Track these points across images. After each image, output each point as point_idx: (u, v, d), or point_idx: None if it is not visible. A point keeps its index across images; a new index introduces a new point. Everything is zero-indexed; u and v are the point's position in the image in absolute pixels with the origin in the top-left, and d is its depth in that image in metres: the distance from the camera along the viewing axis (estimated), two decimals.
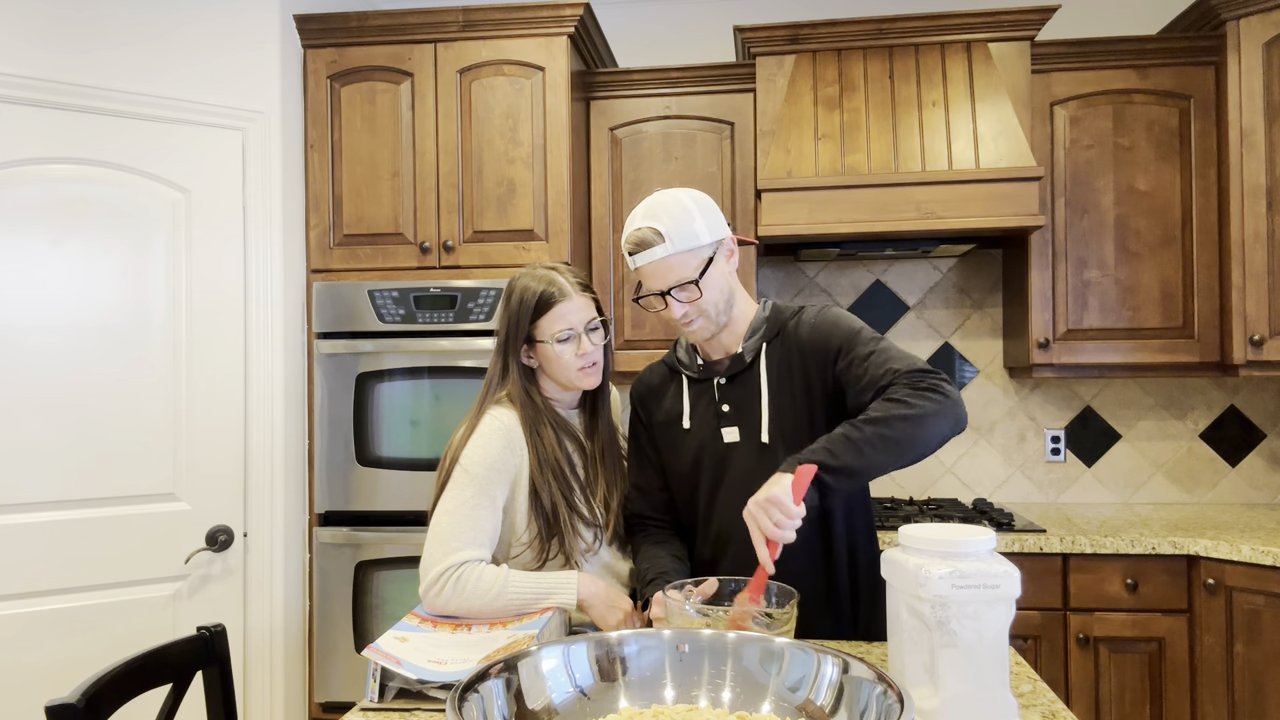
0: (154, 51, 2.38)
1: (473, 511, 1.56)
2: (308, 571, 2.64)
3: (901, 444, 1.38)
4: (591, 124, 2.91)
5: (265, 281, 2.52)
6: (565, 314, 1.61)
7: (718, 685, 1.06)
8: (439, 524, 1.57)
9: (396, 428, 2.59)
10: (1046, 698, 1.27)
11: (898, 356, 1.47)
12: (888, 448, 1.37)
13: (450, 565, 1.52)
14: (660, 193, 1.57)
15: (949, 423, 1.40)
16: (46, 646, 2.22)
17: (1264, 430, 3.00)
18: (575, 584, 1.55)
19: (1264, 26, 2.56)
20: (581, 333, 1.62)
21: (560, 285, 1.63)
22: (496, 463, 1.59)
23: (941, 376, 1.44)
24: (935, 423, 1.39)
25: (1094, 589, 2.44)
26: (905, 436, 1.38)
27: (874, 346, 1.51)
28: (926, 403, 1.39)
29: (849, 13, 3.22)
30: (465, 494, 1.57)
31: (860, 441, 1.37)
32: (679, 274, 1.52)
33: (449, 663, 1.30)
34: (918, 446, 1.39)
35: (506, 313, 1.65)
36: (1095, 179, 2.75)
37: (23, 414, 2.20)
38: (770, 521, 1.32)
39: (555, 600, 1.54)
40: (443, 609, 1.52)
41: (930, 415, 1.38)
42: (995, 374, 3.12)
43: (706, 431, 1.63)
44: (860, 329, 1.56)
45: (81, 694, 1.18)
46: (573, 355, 1.62)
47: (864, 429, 1.38)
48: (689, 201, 1.54)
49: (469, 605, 1.51)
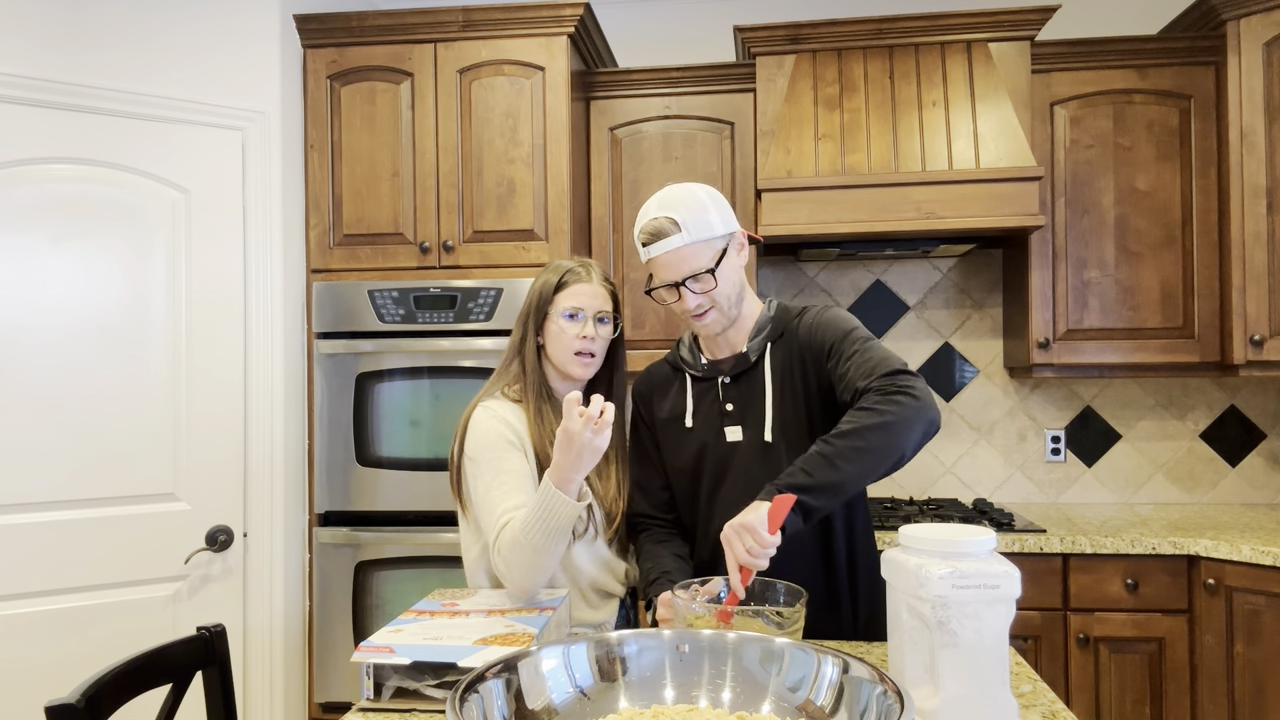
0: (154, 51, 2.38)
1: (499, 489, 1.58)
2: (308, 571, 2.64)
3: (875, 453, 1.36)
4: (591, 124, 2.91)
5: (265, 281, 2.52)
6: (580, 293, 1.67)
7: (718, 685, 1.06)
8: (479, 518, 1.60)
9: (396, 428, 2.59)
10: (1046, 698, 1.27)
11: (879, 359, 1.46)
12: (862, 459, 1.36)
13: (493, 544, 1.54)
14: (673, 185, 1.58)
15: (920, 427, 1.38)
16: (46, 646, 2.22)
17: (1264, 430, 3.00)
18: (550, 483, 1.46)
19: (1264, 26, 2.56)
20: (589, 317, 1.66)
21: (585, 270, 1.70)
22: (498, 439, 1.60)
23: (910, 379, 1.42)
24: (905, 429, 1.37)
25: (1094, 589, 2.44)
26: (877, 445, 1.36)
27: (859, 347, 1.50)
28: (895, 408, 1.37)
29: (849, 13, 3.22)
30: (485, 479, 1.59)
31: (834, 457, 1.36)
32: (693, 264, 1.53)
33: (444, 639, 1.31)
34: (891, 454, 1.37)
35: (531, 292, 1.71)
36: (1095, 179, 2.74)
37: (23, 414, 2.20)
38: (743, 548, 1.32)
39: (559, 511, 1.46)
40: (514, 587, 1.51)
41: (899, 422, 1.37)
42: (995, 374, 3.12)
43: (709, 430, 1.64)
44: (851, 329, 1.55)
45: (81, 694, 1.18)
46: (574, 335, 1.65)
47: (836, 443, 1.37)
48: (702, 194, 1.56)
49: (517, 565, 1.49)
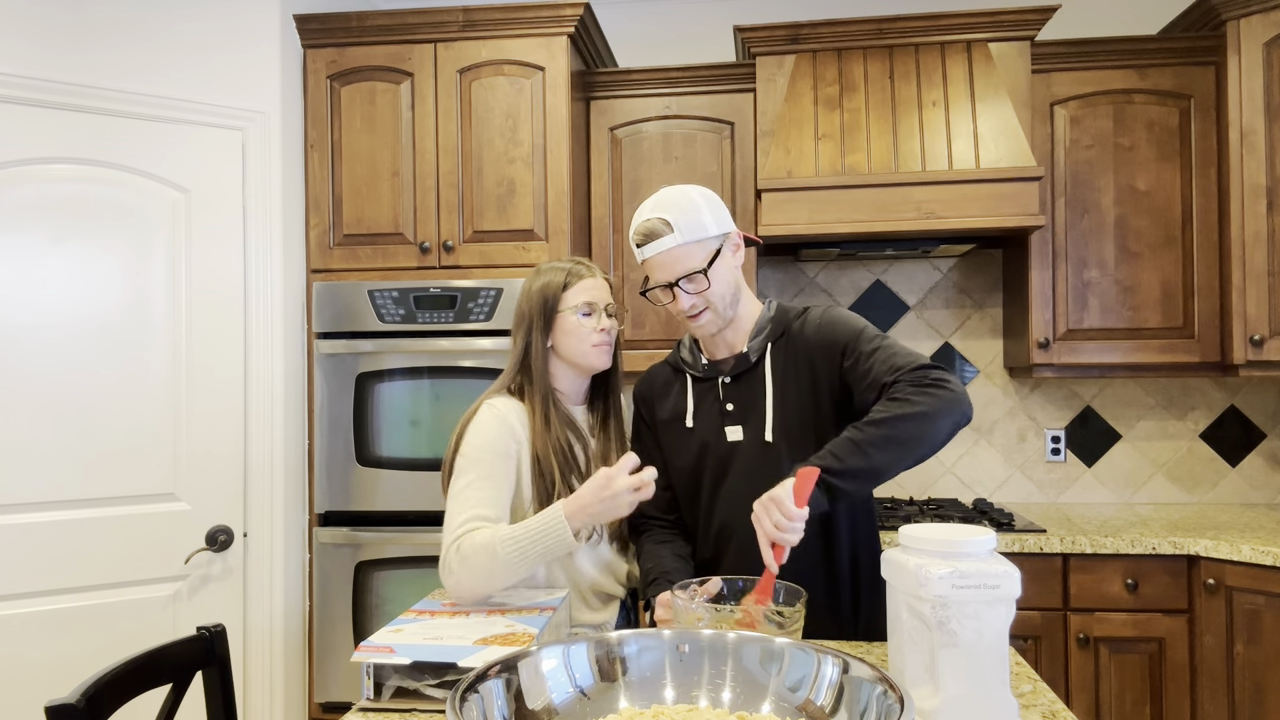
0: (154, 51, 2.38)
1: (474, 491, 1.57)
2: (308, 571, 2.64)
3: (907, 442, 1.38)
4: (591, 124, 2.91)
5: (265, 281, 2.52)
6: (589, 289, 1.68)
7: (718, 685, 1.06)
8: (447, 512, 1.59)
9: (396, 428, 2.59)
10: (1046, 698, 1.27)
11: (901, 354, 1.48)
12: (893, 447, 1.38)
13: (452, 540, 1.52)
14: (667, 188, 1.60)
15: (954, 417, 1.40)
16: (46, 646, 2.22)
17: (1264, 430, 3.00)
18: (561, 512, 1.47)
19: (1264, 26, 2.56)
20: (601, 310, 1.68)
21: (587, 267, 1.72)
22: (494, 445, 1.60)
23: (944, 371, 1.44)
24: (940, 419, 1.39)
25: (1094, 589, 2.44)
26: (910, 435, 1.38)
27: (878, 344, 1.52)
28: (929, 399, 1.39)
29: (849, 13, 3.22)
30: (469, 476, 1.59)
31: (864, 443, 1.38)
32: (686, 265, 1.54)
33: (444, 638, 1.31)
34: (924, 444, 1.39)
35: (529, 297, 1.69)
36: (1095, 179, 2.74)
37: (23, 414, 2.20)
38: (770, 522, 1.33)
39: (552, 540, 1.47)
40: (457, 588, 1.50)
41: (934, 412, 1.39)
42: (995, 374, 3.12)
43: (710, 430, 1.64)
44: (864, 327, 1.57)
45: (81, 694, 1.18)
46: (591, 328, 1.66)
47: (868, 430, 1.39)
48: (696, 195, 1.57)
49: (474, 570, 1.48)
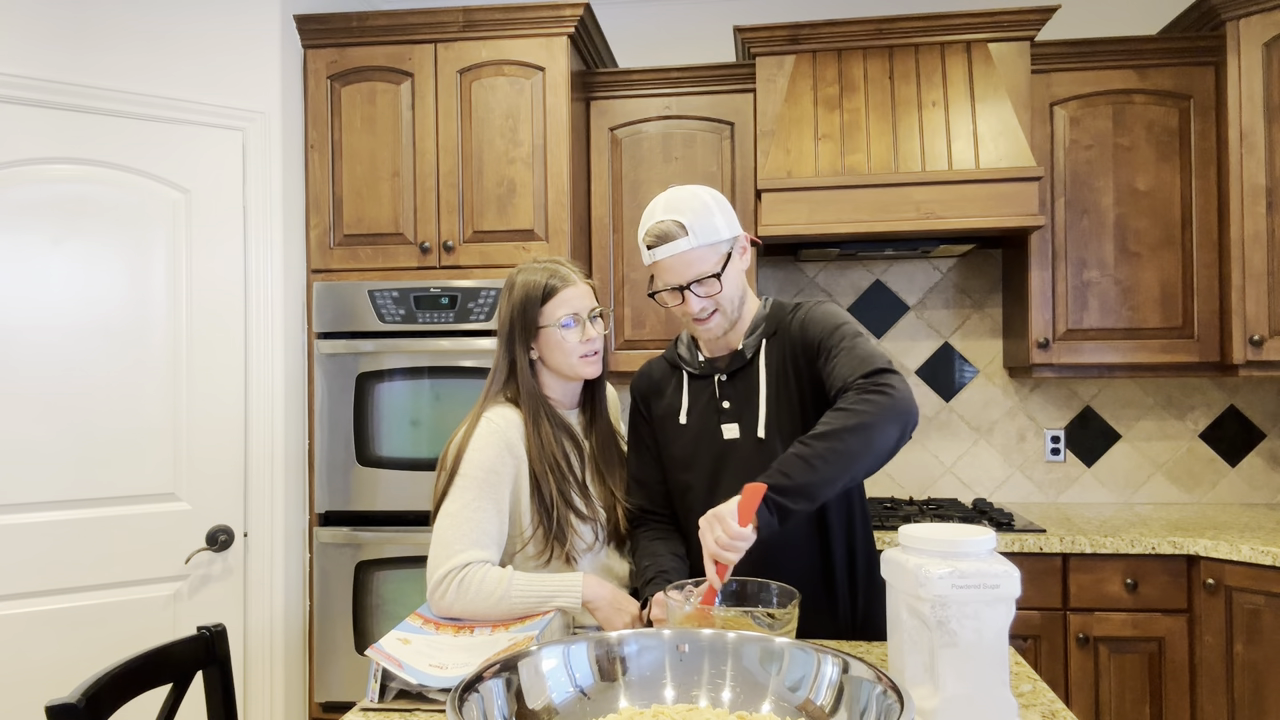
0: (154, 51, 2.38)
1: (475, 514, 1.56)
2: (308, 571, 2.64)
3: (851, 455, 1.35)
4: (591, 124, 2.91)
5: (265, 281, 2.52)
6: (570, 299, 1.63)
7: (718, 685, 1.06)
8: (442, 527, 1.57)
9: (397, 428, 2.59)
10: (1046, 698, 1.27)
11: (861, 356, 1.44)
12: (839, 460, 1.34)
13: (454, 567, 1.51)
14: (677, 188, 1.57)
15: (896, 424, 1.36)
16: (46, 646, 2.22)
17: (1264, 430, 3.00)
18: (580, 586, 1.54)
19: (1264, 26, 2.56)
20: (585, 319, 1.64)
21: (563, 273, 1.66)
22: (495, 465, 1.58)
23: (888, 376, 1.40)
24: (884, 427, 1.36)
25: (1094, 589, 2.44)
26: (854, 447, 1.35)
27: (846, 345, 1.49)
28: (869, 407, 1.36)
29: (849, 13, 3.22)
30: (467, 496, 1.57)
31: (811, 458, 1.34)
32: (699, 268, 1.52)
33: (449, 667, 1.30)
34: (868, 455, 1.36)
35: (510, 305, 1.65)
36: (1095, 179, 2.75)
37: (22, 414, 2.20)
38: (713, 539, 1.31)
39: (560, 602, 1.53)
40: (447, 611, 1.52)
41: (875, 423, 1.35)
42: (995, 374, 3.12)
43: (705, 427, 1.63)
44: (839, 325, 1.53)
45: (82, 694, 1.18)
46: (576, 340, 1.63)
47: (814, 444, 1.36)
48: (708, 197, 1.55)
49: (473, 607, 1.51)
